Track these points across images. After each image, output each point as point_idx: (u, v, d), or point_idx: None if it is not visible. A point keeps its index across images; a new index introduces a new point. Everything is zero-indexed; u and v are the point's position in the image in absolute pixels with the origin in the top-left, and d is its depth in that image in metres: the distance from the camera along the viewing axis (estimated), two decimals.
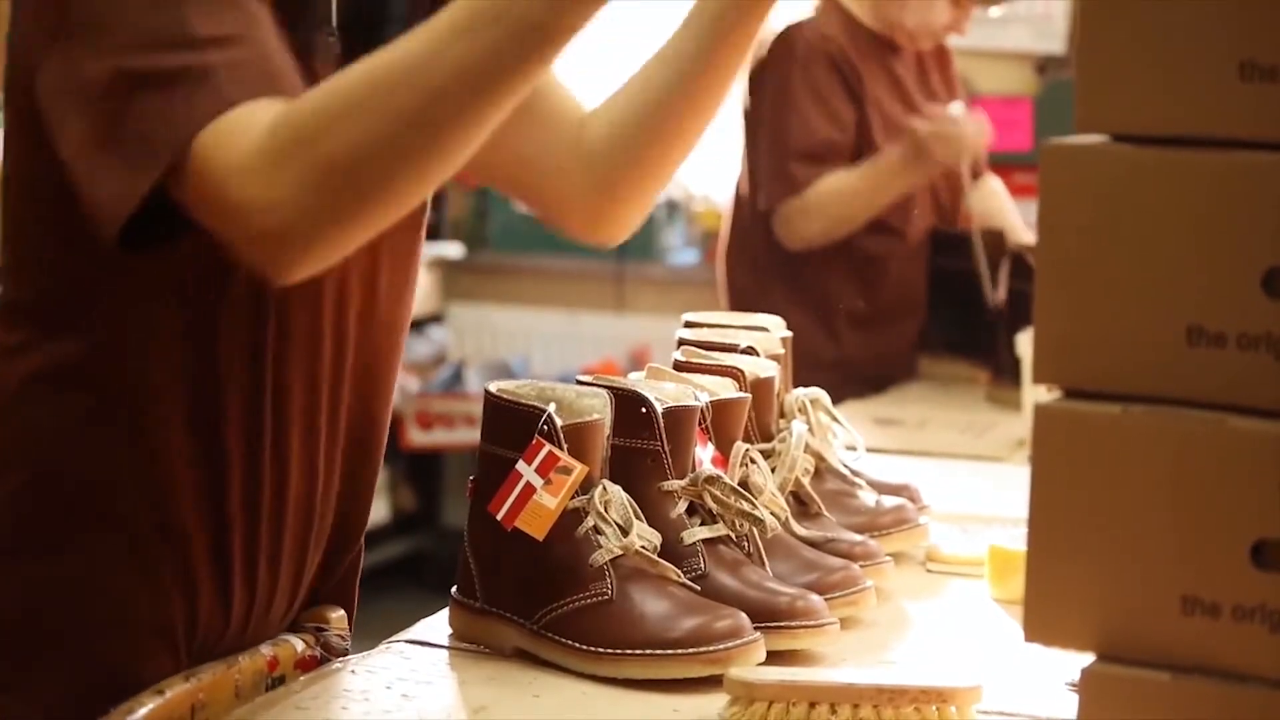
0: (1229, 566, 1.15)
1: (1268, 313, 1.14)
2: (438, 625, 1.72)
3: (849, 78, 3.46)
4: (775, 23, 3.50)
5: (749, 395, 1.83)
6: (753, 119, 3.54)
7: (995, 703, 1.57)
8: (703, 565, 1.67)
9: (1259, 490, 1.15)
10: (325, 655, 1.73)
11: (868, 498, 2.01)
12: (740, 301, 3.55)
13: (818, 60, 3.45)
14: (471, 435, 5.59)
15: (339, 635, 1.76)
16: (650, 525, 1.65)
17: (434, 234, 5.90)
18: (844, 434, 2.03)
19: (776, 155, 3.47)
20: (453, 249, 6.24)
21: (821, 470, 1.98)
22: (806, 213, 3.46)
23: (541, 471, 1.62)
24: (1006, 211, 3.67)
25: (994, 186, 3.70)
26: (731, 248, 3.65)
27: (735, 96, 3.60)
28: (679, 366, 1.89)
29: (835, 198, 3.45)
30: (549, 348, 6.29)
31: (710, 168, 5.24)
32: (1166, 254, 1.17)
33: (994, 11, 3.60)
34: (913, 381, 3.52)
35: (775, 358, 1.94)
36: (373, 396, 1.74)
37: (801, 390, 1.99)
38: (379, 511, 4.75)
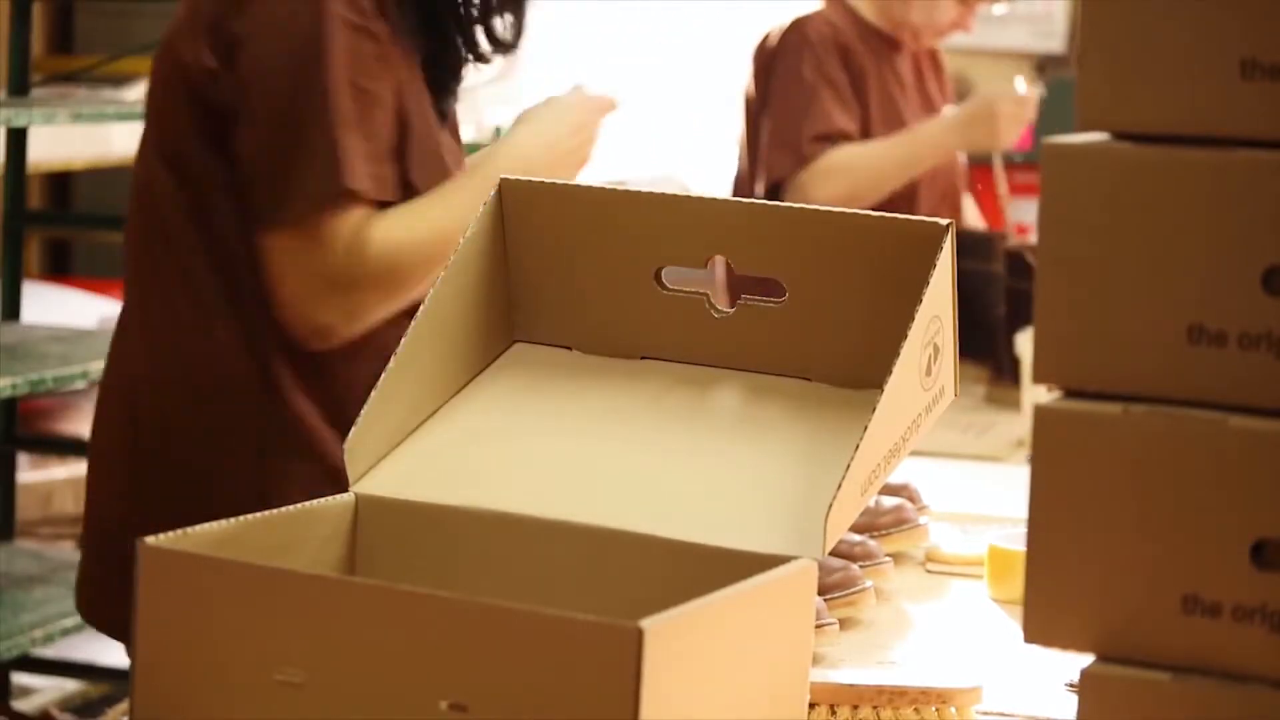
0: (1229, 566, 1.15)
1: (1268, 312, 1.14)
2: None
3: (855, 75, 3.44)
4: (781, 18, 3.50)
5: None
6: (760, 107, 3.50)
7: (995, 703, 1.57)
8: None
9: (1259, 490, 1.14)
10: None
11: None
12: None
13: (831, 51, 3.42)
14: None
15: None
16: None
17: None
18: None
19: (789, 134, 3.38)
20: None
21: None
22: (828, 174, 3.33)
23: None
24: None
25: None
26: None
27: (736, 89, 3.59)
28: None
29: (861, 158, 3.35)
30: None
31: (709, 162, 5.25)
32: (1167, 253, 1.16)
33: (998, 9, 3.58)
34: None
35: None
36: None
37: None
38: None
